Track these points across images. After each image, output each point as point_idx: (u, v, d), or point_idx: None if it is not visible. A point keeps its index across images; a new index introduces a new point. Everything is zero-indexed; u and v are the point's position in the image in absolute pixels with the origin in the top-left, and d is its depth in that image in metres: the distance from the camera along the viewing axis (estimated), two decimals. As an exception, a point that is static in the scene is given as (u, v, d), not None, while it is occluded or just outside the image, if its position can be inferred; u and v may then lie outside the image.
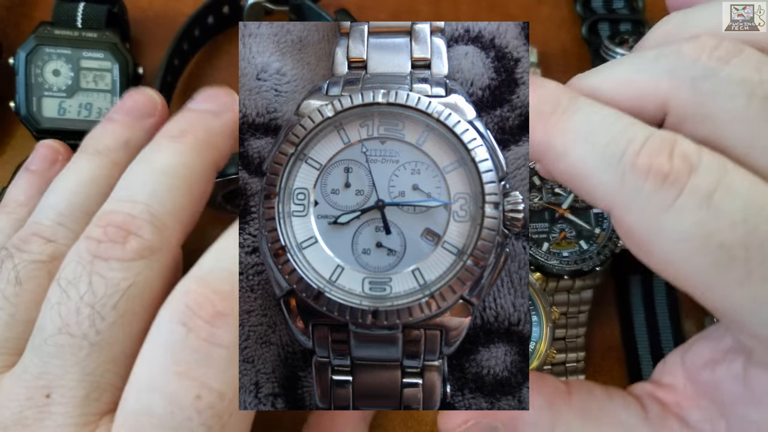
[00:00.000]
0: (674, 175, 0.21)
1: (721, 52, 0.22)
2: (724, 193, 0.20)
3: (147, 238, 0.25)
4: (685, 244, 0.21)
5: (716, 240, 0.20)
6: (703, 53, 0.22)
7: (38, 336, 0.24)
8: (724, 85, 0.21)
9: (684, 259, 0.21)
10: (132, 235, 0.25)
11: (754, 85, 0.21)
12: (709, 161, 0.21)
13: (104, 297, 0.24)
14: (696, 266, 0.21)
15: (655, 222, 0.21)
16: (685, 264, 0.21)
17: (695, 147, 0.21)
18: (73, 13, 0.41)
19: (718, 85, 0.21)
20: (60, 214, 0.28)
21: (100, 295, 0.24)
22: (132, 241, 0.25)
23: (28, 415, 0.23)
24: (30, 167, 0.34)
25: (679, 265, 0.21)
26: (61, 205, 0.28)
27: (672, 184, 0.21)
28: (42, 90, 0.40)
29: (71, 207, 0.28)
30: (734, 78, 0.21)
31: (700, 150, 0.21)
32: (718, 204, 0.20)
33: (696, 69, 0.22)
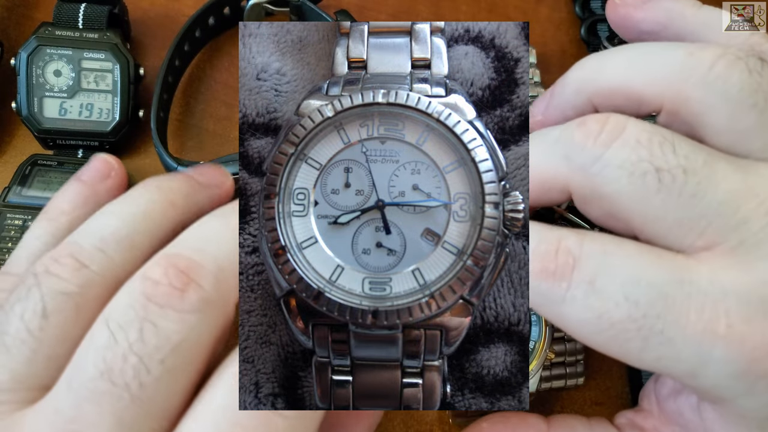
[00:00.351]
0: (560, 272, 0.23)
1: (604, 137, 0.24)
2: (604, 276, 0.23)
3: (208, 290, 0.23)
4: (584, 328, 0.23)
5: (606, 320, 0.23)
6: (588, 139, 0.24)
7: (76, 377, 0.22)
8: (608, 169, 0.23)
9: (587, 339, 0.24)
10: (193, 283, 0.23)
11: (632, 164, 0.23)
12: (589, 250, 0.23)
13: (154, 349, 0.22)
14: (599, 343, 0.23)
15: (558, 315, 0.24)
16: (591, 342, 0.24)
17: (577, 239, 0.24)
18: (74, 14, 0.41)
19: (603, 170, 0.24)
20: (103, 240, 0.26)
21: (150, 346, 0.22)
22: (192, 290, 0.23)
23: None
24: (81, 177, 0.32)
25: (588, 343, 0.24)
26: (107, 231, 0.26)
27: (560, 280, 0.23)
28: (43, 90, 0.40)
29: (117, 235, 0.26)
30: (615, 161, 0.23)
31: (581, 241, 0.24)
32: (600, 288, 0.23)
33: (584, 155, 0.24)
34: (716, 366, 0.22)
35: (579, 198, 0.25)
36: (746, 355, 0.22)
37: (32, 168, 0.40)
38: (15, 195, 0.38)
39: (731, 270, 0.22)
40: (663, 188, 0.23)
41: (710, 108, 0.24)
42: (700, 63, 0.24)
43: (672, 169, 0.23)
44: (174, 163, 0.37)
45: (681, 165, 0.23)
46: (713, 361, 0.22)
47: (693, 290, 0.22)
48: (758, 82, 0.24)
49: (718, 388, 0.23)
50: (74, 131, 0.40)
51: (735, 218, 0.23)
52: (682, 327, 0.22)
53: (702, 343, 0.22)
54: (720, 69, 0.24)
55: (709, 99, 0.24)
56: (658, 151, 0.23)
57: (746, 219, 0.23)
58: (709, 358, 0.22)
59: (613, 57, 0.27)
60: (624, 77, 0.26)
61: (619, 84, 0.26)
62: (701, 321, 0.22)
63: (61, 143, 0.41)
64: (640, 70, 0.26)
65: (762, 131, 0.24)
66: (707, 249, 0.23)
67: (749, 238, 0.22)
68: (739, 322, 0.22)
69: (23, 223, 0.37)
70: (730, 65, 0.24)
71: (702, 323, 0.22)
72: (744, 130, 0.24)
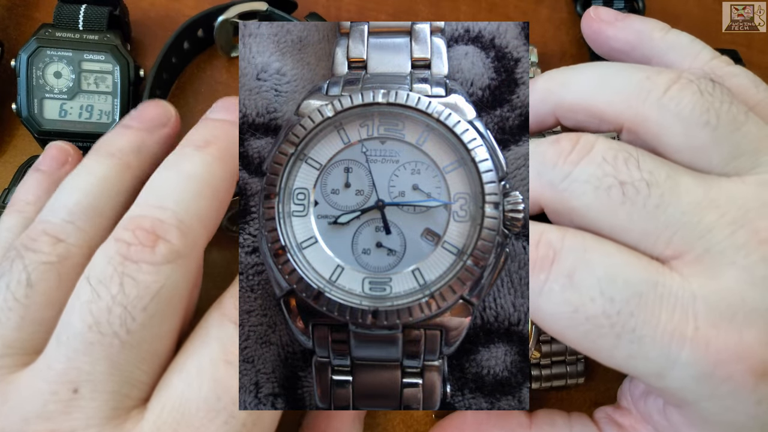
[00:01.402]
0: (540, 263, 0.25)
1: (573, 155, 0.25)
2: (582, 271, 0.24)
3: (175, 243, 0.26)
4: (559, 321, 0.24)
5: (581, 314, 0.24)
6: (560, 158, 0.26)
7: (64, 332, 0.25)
8: (575, 184, 0.25)
9: (561, 334, 0.25)
10: (161, 239, 0.26)
11: (598, 178, 0.25)
12: (570, 244, 0.24)
13: (135, 298, 0.25)
14: (573, 338, 0.24)
15: (535, 306, 0.25)
16: (564, 337, 0.24)
17: (559, 233, 0.25)
18: (74, 15, 0.41)
19: (570, 185, 0.25)
20: (70, 213, 0.28)
21: (132, 297, 0.25)
22: (161, 245, 0.26)
23: (52, 408, 0.24)
24: (39, 167, 0.34)
25: (562, 338, 0.25)
26: (71, 203, 0.28)
27: (540, 271, 0.25)
28: (43, 92, 0.40)
29: (81, 206, 0.28)
30: (582, 177, 0.25)
31: (563, 234, 0.25)
32: (578, 282, 0.24)
33: (554, 173, 0.26)
34: (682, 368, 0.23)
35: (551, 213, 0.27)
36: (711, 358, 0.22)
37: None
38: (15, 196, 0.38)
39: (699, 277, 0.23)
40: (627, 200, 0.24)
41: (666, 128, 0.25)
42: (656, 86, 0.26)
43: (636, 183, 0.24)
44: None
45: (644, 179, 0.24)
46: (680, 362, 0.23)
47: (665, 292, 0.23)
48: (709, 102, 0.25)
49: (682, 390, 0.23)
50: (74, 133, 0.40)
51: (699, 228, 0.24)
52: (653, 327, 0.23)
53: (670, 344, 0.23)
54: (674, 92, 0.25)
55: (664, 119, 0.25)
56: (623, 167, 0.25)
57: (710, 228, 0.24)
58: (676, 359, 0.23)
59: (579, 74, 0.28)
60: (587, 95, 0.27)
61: (582, 101, 0.27)
62: (671, 322, 0.23)
63: (62, 144, 0.41)
64: (602, 89, 0.27)
65: (718, 146, 0.25)
66: (676, 257, 0.24)
67: (714, 246, 0.24)
68: (706, 326, 0.23)
69: (23, 223, 0.37)
70: (682, 88, 0.25)
71: (672, 324, 0.23)
72: (700, 147, 0.25)
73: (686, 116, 0.25)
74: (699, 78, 0.26)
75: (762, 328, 0.23)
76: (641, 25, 0.31)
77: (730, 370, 0.22)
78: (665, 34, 0.30)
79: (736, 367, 0.22)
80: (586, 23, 0.32)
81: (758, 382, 0.22)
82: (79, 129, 0.40)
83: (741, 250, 0.23)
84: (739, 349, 0.22)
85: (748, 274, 0.23)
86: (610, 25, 0.31)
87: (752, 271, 0.23)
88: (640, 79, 0.26)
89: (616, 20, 0.31)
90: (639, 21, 0.31)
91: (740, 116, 0.25)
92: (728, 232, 0.23)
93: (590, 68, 0.28)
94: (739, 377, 0.22)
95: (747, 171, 0.25)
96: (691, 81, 0.25)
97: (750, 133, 0.25)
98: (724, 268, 0.23)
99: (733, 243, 0.23)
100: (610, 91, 0.27)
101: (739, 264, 0.23)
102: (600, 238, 0.25)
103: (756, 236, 0.23)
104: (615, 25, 0.31)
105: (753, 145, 0.25)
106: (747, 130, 0.25)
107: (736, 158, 0.25)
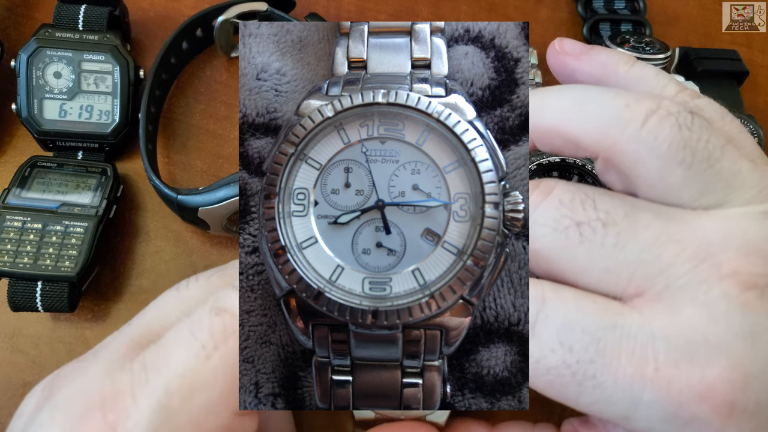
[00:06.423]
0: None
1: (534, 197, 0.26)
2: (542, 323, 0.24)
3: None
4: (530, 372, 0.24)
5: (543, 366, 0.24)
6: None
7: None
8: (534, 227, 0.25)
9: (531, 384, 0.25)
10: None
11: (554, 220, 0.25)
12: (532, 296, 0.24)
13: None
14: (538, 387, 0.24)
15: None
16: (534, 387, 0.25)
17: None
18: (74, 15, 0.41)
19: (533, 227, 0.25)
20: None
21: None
22: None
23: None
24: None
25: (532, 387, 0.25)
26: None
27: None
28: (43, 92, 0.40)
29: None
30: (540, 220, 0.25)
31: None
32: (539, 334, 0.24)
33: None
34: (646, 409, 0.22)
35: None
36: (674, 398, 0.22)
37: (32, 169, 0.40)
38: (14, 197, 0.38)
39: (659, 314, 0.23)
40: (585, 240, 0.24)
41: (641, 162, 0.25)
42: (634, 117, 0.25)
43: (591, 222, 0.24)
44: (173, 192, 0.36)
45: (600, 218, 0.24)
46: (643, 404, 0.22)
47: (624, 334, 0.23)
48: (687, 137, 0.25)
49: (650, 431, 0.23)
50: (74, 133, 0.40)
51: (658, 264, 0.23)
52: (613, 371, 0.23)
53: (632, 386, 0.22)
54: (652, 124, 0.25)
55: (640, 154, 0.25)
56: (579, 208, 0.25)
57: (670, 265, 0.23)
58: (639, 401, 0.22)
59: (555, 98, 0.27)
60: (564, 120, 0.27)
61: (558, 126, 0.27)
62: (631, 365, 0.22)
63: (61, 145, 0.41)
64: (579, 116, 0.27)
65: (689, 185, 0.25)
66: (638, 295, 0.24)
67: (674, 282, 0.23)
68: (667, 365, 0.22)
69: (22, 224, 0.37)
70: (661, 120, 0.25)
71: (632, 367, 0.22)
72: (673, 185, 0.25)
73: (663, 153, 0.25)
74: (678, 110, 0.25)
75: (724, 366, 0.22)
76: (606, 59, 0.30)
77: (694, 410, 0.22)
78: (630, 67, 0.30)
79: (700, 408, 0.22)
80: (551, 55, 0.32)
81: (725, 423, 0.22)
82: (79, 129, 0.40)
83: (701, 285, 0.23)
84: (701, 388, 0.22)
85: (708, 311, 0.22)
86: (575, 59, 0.31)
87: (713, 307, 0.22)
88: (619, 107, 0.26)
89: (581, 53, 0.31)
90: (605, 54, 0.30)
91: (716, 152, 0.25)
92: (689, 267, 0.23)
93: (568, 91, 0.28)
94: (704, 417, 0.22)
95: (714, 206, 0.25)
96: (670, 113, 0.25)
97: (723, 170, 0.25)
98: (685, 304, 0.23)
99: (693, 278, 0.23)
100: (587, 118, 0.26)
101: (699, 300, 0.23)
102: (558, 285, 0.25)
103: (717, 271, 0.23)
104: (580, 58, 0.30)
105: (724, 182, 0.25)
106: (720, 167, 0.25)
107: (705, 195, 0.25)
